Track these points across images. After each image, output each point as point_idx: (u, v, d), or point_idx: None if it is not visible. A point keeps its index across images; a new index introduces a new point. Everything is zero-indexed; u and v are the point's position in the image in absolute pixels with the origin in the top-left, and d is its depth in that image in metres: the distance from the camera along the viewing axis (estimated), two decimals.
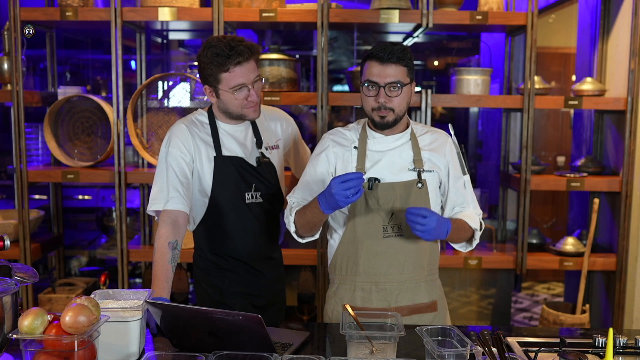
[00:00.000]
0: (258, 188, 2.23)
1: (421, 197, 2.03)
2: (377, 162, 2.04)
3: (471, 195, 2.14)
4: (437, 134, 2.13)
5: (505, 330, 1.97)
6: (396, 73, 1.94)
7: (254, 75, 2.10)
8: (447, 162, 2.09)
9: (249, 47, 2.06)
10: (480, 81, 3.42)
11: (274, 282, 2.36)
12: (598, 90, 3.42)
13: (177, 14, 3.22)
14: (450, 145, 2.11)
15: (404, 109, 2.01)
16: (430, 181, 2.05)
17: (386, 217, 2.02)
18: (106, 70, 4.98)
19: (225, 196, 2.20)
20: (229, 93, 2.09)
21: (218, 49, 2.04)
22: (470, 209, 2.12)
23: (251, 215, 2.23)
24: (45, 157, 4.22)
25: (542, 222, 5.77)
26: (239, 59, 2.03)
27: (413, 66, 2.01)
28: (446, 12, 3.30)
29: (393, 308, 2.04)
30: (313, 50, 5.44)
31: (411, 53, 2.02)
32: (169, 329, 1.79)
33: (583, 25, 3.98)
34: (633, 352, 1.78)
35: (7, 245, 1.82)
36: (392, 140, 2.06)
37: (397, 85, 1.94)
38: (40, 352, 1.52)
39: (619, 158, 3.48)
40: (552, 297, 5.48)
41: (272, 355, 1.53)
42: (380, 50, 1.94)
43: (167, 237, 2.06)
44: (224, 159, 2.18)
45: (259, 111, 2.17)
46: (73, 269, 4.41)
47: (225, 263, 2.27)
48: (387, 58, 1.93)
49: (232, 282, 2.27)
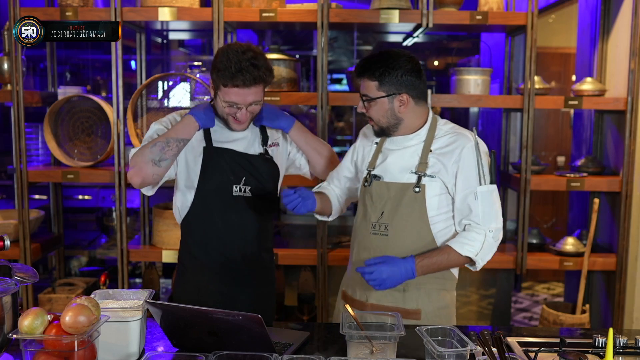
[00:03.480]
0: (248, 182, 2.19)
1: (416, 202, 2.01)
2: (384, 159, 2.09)
3: (485, 208, 1.98)
4: (456, 136, 2.03)
5: (505, 330, 1.97)
6: (366, 87, 2.03)
7: (252, 98, 2.07)
8: (457, 168, 1.99)
9: (256, 76, 2.02)
10: (480, 81, 3.42)
11: (258, 285, 2.28)
12: (598, 90, 3.42)
13: (177, 14, 3.22)
14: (468, 150, 2.00)
15: (382, 121, 2.04)
16: (431, 187, 2.01)
17: (376, 214, 2.06)
18: (106, 70, 4.97)
19: (211, 187, 2.16)
20: (222, 102, 2.09)
21: (229, 62, 2.01)
22: (477, 223, 1.98)
23: (237, 209, 2.18)
24: (45, 157, 4.22)
25: (542, 222, 5.77)
26: (238, 83, 2.02)
27: (393, 80, 1.97)
28: (446, 12, 3.30)
29: (369, 305, 2.08)
30: (313, 50, 5.44)
31: (397, 65, 1.97)
32: (169, 329, 1.79)
33: (583, 25, 3.98)
34: (633, 352, 1.78)
35: (7, 245, 1.82)
36: (404, 141, 2.07)
37: (367, 98, 2.03)
38: (40, 352, 1.52)
39: (619, 158, 3.48)
40: (552, 297, 5.48)
41: (272, 355, 1.53)
42: (357, 64, 2.06)
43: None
44: (214, 150, 2.17)
45: (244, 127, 2.16)
46: (73, 269, 4.41)
47: (206, 259, 2.22)
48: (357, 73, 2.05)
49: (212, 280, 2.21)
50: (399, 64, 1.98)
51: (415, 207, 2.01)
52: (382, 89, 2.00)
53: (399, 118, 2.03)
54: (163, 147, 2.05)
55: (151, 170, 2.05)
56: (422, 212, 2.01)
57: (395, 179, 2.05)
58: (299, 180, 2.92)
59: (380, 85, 1.99)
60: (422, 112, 2.07)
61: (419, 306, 2.07)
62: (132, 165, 2.07)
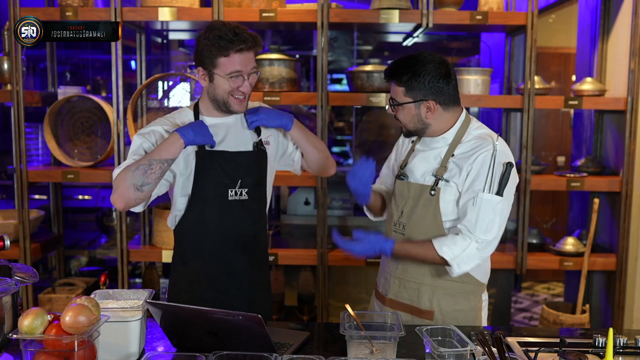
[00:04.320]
0: (244, 183, 2.13)
1: (430, 205, 2.02)
2: (413, 159, 2.13)
3: (480, 216, 1.93)
4: (480, 141, 2.00)
5: (505, 330, 1.97)
6: (394, 92, 2.05)
7: (251, 65, 2.06)
8: (470, 170, 1.97)
9: (253, 37, 2.03)
10: (480, 81, 3.42)
11: (253, 285, 2.22)
12: (598, 90, 3.42)
13: (177, 14, 3.22)
14: (484, 156, 1.96)
15: (410, 125, 2.06)
16: (446, 191, 2.00)
17: (397, 213, 2.11)
18: (106, 70, 4.97)
19: (206, 193, 2.11)
20: (224, 79, 2.04)
21: (222, 32, 1.99)
22: (467, 229, 1.95)
23: (233, 214, 2.13)
24: (45, 157, 4.22)
25: (542, 222, 5.77)
26: (241, 45, 2.00)
27: (420, 86, 1.97)
28: (446, 12, 3.30)
29: (388, 300, 2.14)
30: (313, 50, 5.43)
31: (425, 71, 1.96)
32: (169, 329, 1.79)
33: (583, 25, 3.98)
34: (633, 352, 1.78)
35: (7, 245, 1.82)
36: (432, 142, 2.09)
37: (395, 103, 2.05)
38: (40, 352, 1.52)
39: (619, 158, 3.48)
40: (552, 297, 5.48)
41: (272, 355, 1.53)
42: (387, 68, 2.06)
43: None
44: (207, 154, 2.09)
45: (245, 106, 2.11)
46: (73, 269, 4.40)
47: (201, 264, 2.17)
48: (386, 76, 2.07)
49: (207, 287, 2.17)
50: (427, 70, 1.97)
51: (430, 210, 2.02)
52: (409, 95, 2.00)
53: (426, 123, 2.03)
54: (145, 170, 1.95)
55: (133, 195, 1.96)
56: (436, 215, 2.01)
57: (417, 180, 2.08)
58: (295, 179, 2.90)
59: (407, 91, 2.00)
60: (450, 117, 2.05)
61: (432, 307, 2.07)
62: (114, 189, 2.00)
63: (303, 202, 4.06)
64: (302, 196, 4.06)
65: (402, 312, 2.03)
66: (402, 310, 2.08)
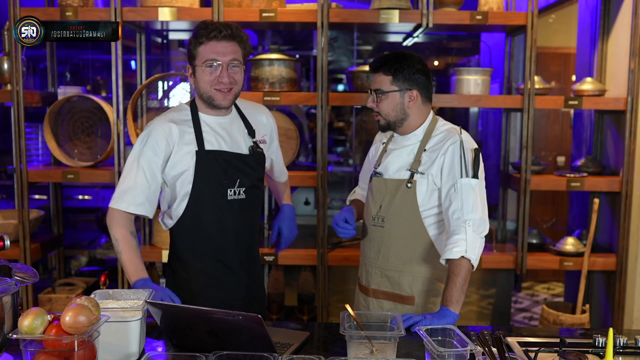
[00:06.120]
0: (242, 183, 2.15)
1: (408, 196, 2.14)
2: (386, 158, 2.25)
3: (464, 199, 2.04)
4: (445, 133, 2.16)
5: (505, 330, 1.97)
6: (380, 82, 2.15)
7: (230, 56, 2.06)
8: (443, 161, 2.10)
9: (232, 27, 2.08)
10: (480, 81, 3.42)
11: (251, 282, 2.27)
12: (598, 90, 3.42)
13: (177, 14, 3.23)
14: (453, 146, 2.10)
15: (391, 115, 2.16)
16: (422, 183, 2.13)
17: (375, 208, 2.22)
18: (106, 70, 4.96)
19: (206, 193, 2.12)
20: (202, 69, 2.06)
21: (202, 25, 2.08)
22: (456, 218, 2.03)
23: (232, 213, 2.15)
24: (45, 157, 4.22)
25: (542, 222, 5.77)
26: (214, 33, 2.05)
27: (406, 76, 2.13)
28: (446, 12, 3.30)
29: (371, 290, 2.24)
30: (313, 50, 5.43)
31: (411, 63, 2.13)
32: (169, 329, 1.79)
33: (583, 25, 3.98)
34: (633, 352, 1.78)
35: (7, 245, 1.83)
36: (403, 140, 2.22)
37: (379, 92, 2.15)
38: (40, 352, 1.52)
39: (619, 158, 3.48)
40: (552, 297, 5.48)
41: (272, 355, 1.53)
42: (373, 61, 2.20)
43: (127, 226, 2.15)
44: (206, 153, 2.11)
45: (230, 100, 2.11)
46: (73, 269, 4.40)
47: (200, 263, 2.19)
48: (373, 68, 2.19)
49: (205, 286, 2.19)
50: (412, 62, 2.14)
51: (408, 201, 2.15)
52: (395, 84, 2.14)
53: (406, 113, 2.16)
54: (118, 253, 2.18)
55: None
56: (413, 205, 2.14)
57: (393, 175, 2.20)
58: (295, 179, 2.90)
59: (394, 79, 2.13)
60: (425, 112, 2.20)
61: (413, 292, 2.17)
62: (108, 223, 2.24)
63: (303, 202, 4.06)
64: (302, 196, 4.06)
65: (385, 301, 2.19)
66: (385, 299, 2.21)
